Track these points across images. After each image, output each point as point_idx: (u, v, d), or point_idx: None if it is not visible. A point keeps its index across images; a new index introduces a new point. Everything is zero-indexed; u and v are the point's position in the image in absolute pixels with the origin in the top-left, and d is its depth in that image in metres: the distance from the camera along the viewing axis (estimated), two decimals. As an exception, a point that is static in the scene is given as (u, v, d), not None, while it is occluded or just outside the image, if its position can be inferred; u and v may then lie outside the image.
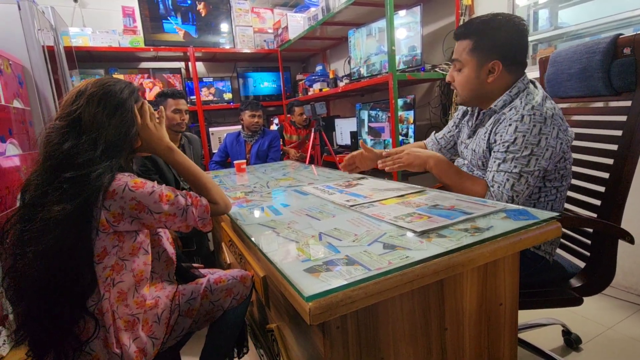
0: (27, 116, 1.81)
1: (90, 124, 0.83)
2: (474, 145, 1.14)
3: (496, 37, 1.02)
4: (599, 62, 1.08)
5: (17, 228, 0.78)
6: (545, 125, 0.96)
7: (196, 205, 0.91)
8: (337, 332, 0.63)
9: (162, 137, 0.97)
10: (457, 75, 1.11)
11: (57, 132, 0.82)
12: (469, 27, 1.06)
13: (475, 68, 1.05)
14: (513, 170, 0.98)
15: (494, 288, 0.79)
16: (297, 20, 3.37)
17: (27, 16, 1.82)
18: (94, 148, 0.81)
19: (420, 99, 2.70)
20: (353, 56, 2.72)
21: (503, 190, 0.99)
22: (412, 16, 2.24)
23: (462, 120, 1.30)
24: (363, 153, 1.39)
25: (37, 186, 0.79)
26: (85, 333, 0.79)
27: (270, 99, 3.93)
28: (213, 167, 2.86)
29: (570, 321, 1.47)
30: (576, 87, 1.19)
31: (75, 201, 0.75)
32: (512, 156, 0.98)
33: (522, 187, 0.98)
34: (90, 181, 0.77)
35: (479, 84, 1.07)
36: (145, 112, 0.95)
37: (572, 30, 1.87)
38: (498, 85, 1.06)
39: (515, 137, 0.97)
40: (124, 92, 0.90)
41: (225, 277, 1.02)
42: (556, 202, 1.08)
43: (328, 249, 0.72)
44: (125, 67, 3.47)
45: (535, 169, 0.97)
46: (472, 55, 1.05)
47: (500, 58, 1.02)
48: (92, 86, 0.88)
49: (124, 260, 0.84)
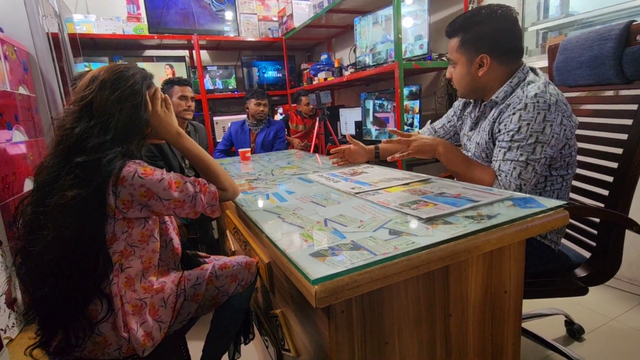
0: (33, 103, 1.82)
1: (102, 108, 0.84)
2: (477, 138, 1.14)
3: (480, 31, 1.03)
4: (611, 49, 1.06)
5: (29, 211, 0.80)
6: (550, 112, 0.95)
7: (205, 192, 0.92)
8: (342, 316, 0.63)
9: (171, 123, 0.97)
10: (454, 72, 1.13)
11: (70, 117, 0.84)
12: (455, 25, 1.08)
13: (466, 64, 1.08)
14: (519, 159, 0.97)
15: (499, 276, 0.79)
16: (302, 7, 3.33)
17: (32, 2, 1.81)
18: (105, 133, 0.82)
19: (426, 89, 2.67)
20: (359, 45, 2.69)
21: (510, 179, 0.99)
22: (419, 4, 2.20)
23: (464, 112, 1.30)
24: (351, 147, 1.44)
25: (50, 169, 0.80)
26: (95, 315, 0.80)
27: (275, 88, 3.91)
28: (217, 155, 2.86)
29: (573, 312, 1.47)
30: (586, 76, 1.16)
31: (89, 187, 0.76)
32: (517, 145, 0.98)
33: (529, 175, 0.98)
34: (102, 166, 0.78)
35: (471, 79, 1.09)
36: (157, 99, 0.95)
37: (583, 18, 1.83)
38: (492, 77, 1.07)
39: (520, 125, 0.97)
40: (135, 78, 0.90)
41: (230, 263, 1.02)
42: (562, 190, 1.07)
43: (334, 235, 0.72)
44: (130, 54, 3.46)
45: (542, 157, 0.97)
46: (460, 52, 1.07)
47: (487, 51, 1.03)
48: (105, 72, 0.88)
49: (133, 246, 0.85)
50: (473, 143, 1.17)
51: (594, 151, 1.19)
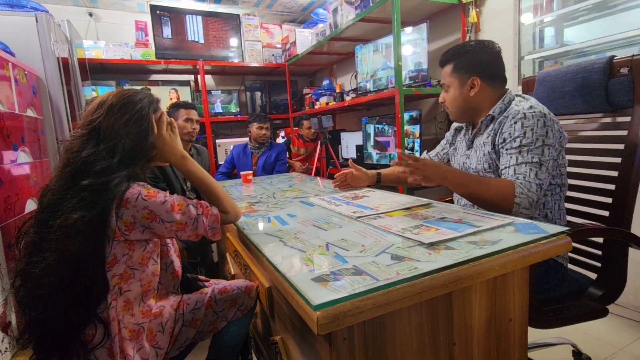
0: (40, 125, 1.85)
1: (109, 132, 0.85)
2: (477, 153, 1.19)
3: (470, 57, 1.15)
4: (597, 81, 1.15)
5: (32, 232, 0.79)
6: (547, 119, 1.04)
7: (207, 214, 0.91)
8: (344, 343, 0.62)
9: (176, 146, 0.98)
10: (447, 96, 1.23)
11: (77, 140, 0.85)
12: (448, 54, 1.21)
13: (459, 86, 1.18)
14: (533, 160, 1.02)
15: (503, 303, 0.77)
16: (305, 35, 3.44)
17: (44, 28, 1.88)
18: (112, 156, 0.83)
19: (426, 114, 2.71)
20: (360, 71, 2.76)
21: (530, 180, 1.00)
22: (418, 33, 2.27)
23: (456, 138, 1.38)
24: (354, 172, 1.49)
25: (55, 191, 0.81)
26: (91, 340, 0.79)
27: (277, 112, 3.98)
28: (219, 177, 2.87)
29: (580, 341, 1.43)
30: (569, 105, 1.25)
31: (94, 210, 0.76)
32: (527, 148, 1.03)
33: (544, 175, 1.02)
34: (109, 190, 0.78)
35: (464, 100, 1.18)
36: (162, 123, 0.96)
37: (578, 48, 1.88)
38: (483, 98, 1.17)
39: (524, 131, 1.03)
40: (143, 102, 0.92)
41: (230, 287, 1.01)
42: (561, 201, 1.13)
43: (335, 259, 0.71)
44: (136, 79, 3.55)
45: (550, 158, 1.03)
46: (453, 76, 1.18)
47: (477, 74, 1.14)
48: (113, 97, 0.90)
49: (133, 269, 0.84)
50: (473, 160, 1.21)
51: (589, 175, 1.23)
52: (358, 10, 2.48)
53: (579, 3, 1.86)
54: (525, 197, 0.98)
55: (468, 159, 1.25)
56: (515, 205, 0.99)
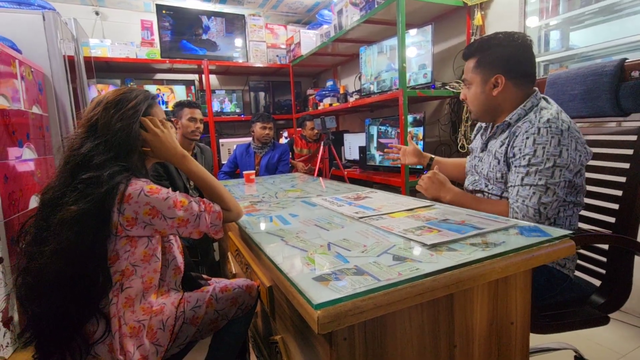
0: (45, 122, 1.86)
1: (105, 127, 0.87)
2: (490, 160, 1.14)
3: (496, 52, 1.07)
4: (607, 84, 1.11)
5: (33, 229, 0.80)
6: (563, 137, 0.97)
7: (209, 211, 0.92)
8: (344, 343, 0.61)
9: (174, 145, 0.99)
10: (468, 92, 1.16)
11: (77, 138, 0.87)
12: (472, 47, 1.12)
13: (481, 83, 1.10)
14: (538, 183, 0.97)
15: (505, 306, 0.77)
16: (309, 36, 3.45)
17: (51, 27, 1.89)
18: (108, 150, 0.85)
19: (430, 116, 2.71)
20: (364, 72, 2.76)
21: (528, 204, 0.98)
22: (423, 35, 2.27)
23: (476, 136, 1.32)
24: (408, 147, 1.49)
25: (56, 188, 0.82)
26: (92, 335, 0.79)
27: (281, 112, 3.99)
28: (222, 177, 2.88)
29: (582, 346, 1.42)
30: (579, 108, 1.22)
31: (90, 201, 0.77)
32: (535, 169, 0.98)
33: (549, 199, 0.97)
34: (103, 181, 0.79)
35: (486, 98, 1.11)
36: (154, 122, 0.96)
37: (584, 52, 1.88)
38: (506, 98, 1.09)
39: (535, 149, 0.98)
40: (138, 98, 0.93)
41: (231, 286, 1.01)
42: (573, 217, 1.08)
43: (337, 259, 0.71)
44: (141, 77, 3.57)
45: (561, 180, 0.97)
46: (476, 72, 1.11)
47: (502, 72, 1.06)
48: (110, 95, 0.92)
49: (135, 265, 0.85)
50: (485, 164, 1.16)
51: (596, 180, 1.21)
52: (363, 12, 2.48)
53: (585, 7, 1.85)
54: None
55: (480, 162, 1.20)
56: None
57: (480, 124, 1.31)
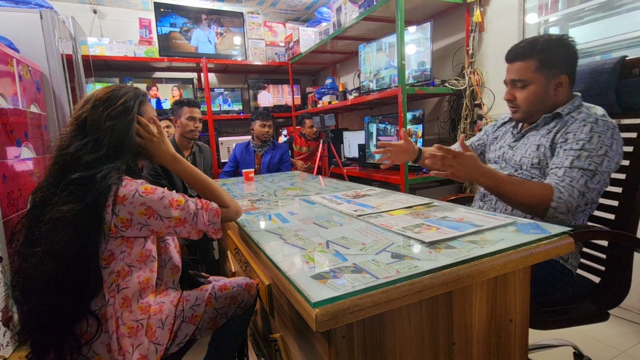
0: (43, 121, 1.85)
1: (95, 125, 0.85)
2: (527, 147, 1.13)
3: (559, 53, 1.07)
4: (607, 82, 1.12)
5: (25, 230, 0.80)
6: (615, 132, 1.00)
7: (206, 209, 0.91)
8: (343, 341, 0.61)
9: (165, 148, 0.98)
10: (520, 92, 1.13)
11: (66, 137, 0.85)
12: (527, 48, 1.09)
13: (544, 84, 1.09)
14: (589, 167, 0.98)
15: (504, 303, 0.77)
16: (308, 34, 3.44)
17: (49, 25, 1.88)
18: (98, 149, 0.83)
19: (429, 114, 2.70)
20: (363, 70, 2.75)
21: (575, 185, 0.97)
22: (422, 32, 2.26)
23: (497, 131, 1.34)
24: (401, 145, 1.36)
25: (45, 189, 0.80)
26: (87, 335, 0.79)
27: (280, 110, 3.98)
28: (224, 177, 2.88)
29: (582, 343, 1.42)
30: None
31: (83, 202, 0.76)
32: (587, 154, 0.99)
33: (594, 185, 0.98)
34: (97, 182, 0.78)
35: (546, 98, 1.10)
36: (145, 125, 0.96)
37: (583, 48, 1.87)
38: (561, 98, 1.11)
39: (592, 136, 0.99)
40: (127, 95, 0.92)
41: (230, 285, 1.01)
42: (585, 219, 1.10)
43: (335, 257, 0.71)
44: (139, 76, 3.56)
45: (606, 170, 0.99)
46: (539, 72, 1.08)
47: (566, 72, 1.08)
48: (99, 92, 0.91)
49: (131, 266, 0.84)
50: (519, 152, 1.16)
51: None
52: (362, 9, 2.47)
53: (584, 3, 1.85)
54: (563, 202, 0.96)
55: (511, 149, 1.20)
56: (551, 209, 0.96)
57: (498, 120, 1.34)
